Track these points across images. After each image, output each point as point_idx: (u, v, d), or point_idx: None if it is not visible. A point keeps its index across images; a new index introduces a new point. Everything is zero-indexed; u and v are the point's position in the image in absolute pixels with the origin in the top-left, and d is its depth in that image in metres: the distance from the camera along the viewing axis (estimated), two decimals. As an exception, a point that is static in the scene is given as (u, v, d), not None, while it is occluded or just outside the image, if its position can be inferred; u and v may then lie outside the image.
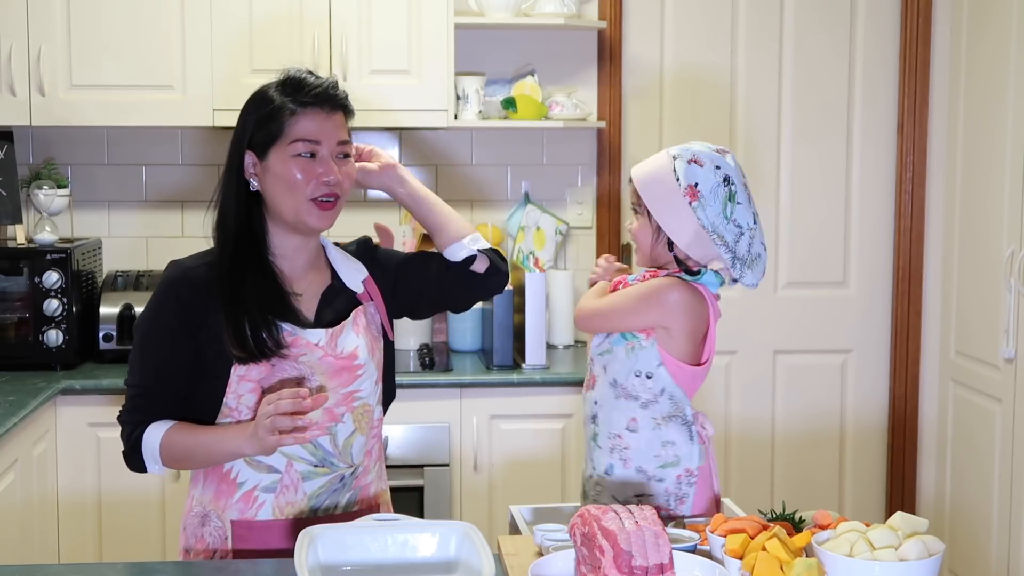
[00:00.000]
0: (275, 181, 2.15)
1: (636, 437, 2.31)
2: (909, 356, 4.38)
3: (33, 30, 3.71)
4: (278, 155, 2.15)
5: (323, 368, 2.17)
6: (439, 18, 3.82)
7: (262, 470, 2.16)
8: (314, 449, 2.17)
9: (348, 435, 2.20)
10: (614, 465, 2.33)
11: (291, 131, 2.15)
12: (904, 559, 1.76)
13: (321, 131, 2.16)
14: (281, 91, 2.17)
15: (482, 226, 4.18)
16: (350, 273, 2.28)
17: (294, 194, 2.15)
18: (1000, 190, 3.84)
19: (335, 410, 2.19)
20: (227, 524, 2.17)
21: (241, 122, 2.20)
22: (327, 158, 2.16)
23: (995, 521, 3.88)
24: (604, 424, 2.35)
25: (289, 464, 2.16)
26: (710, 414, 4.38)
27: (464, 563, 1.94)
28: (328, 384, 2.17)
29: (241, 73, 3.78)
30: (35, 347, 3.71)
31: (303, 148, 2.15)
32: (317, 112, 2.16)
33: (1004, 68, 3.80)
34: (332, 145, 2.17)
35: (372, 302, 2.29)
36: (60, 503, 3.58)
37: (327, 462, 2.18)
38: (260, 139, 2.16)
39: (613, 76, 4.22)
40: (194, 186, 4.14)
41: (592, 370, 2.40)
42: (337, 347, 2.18)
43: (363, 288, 2.28)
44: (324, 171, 2.15)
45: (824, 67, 4.32)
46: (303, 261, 2.24)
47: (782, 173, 4.35)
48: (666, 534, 1.74)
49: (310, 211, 2.16)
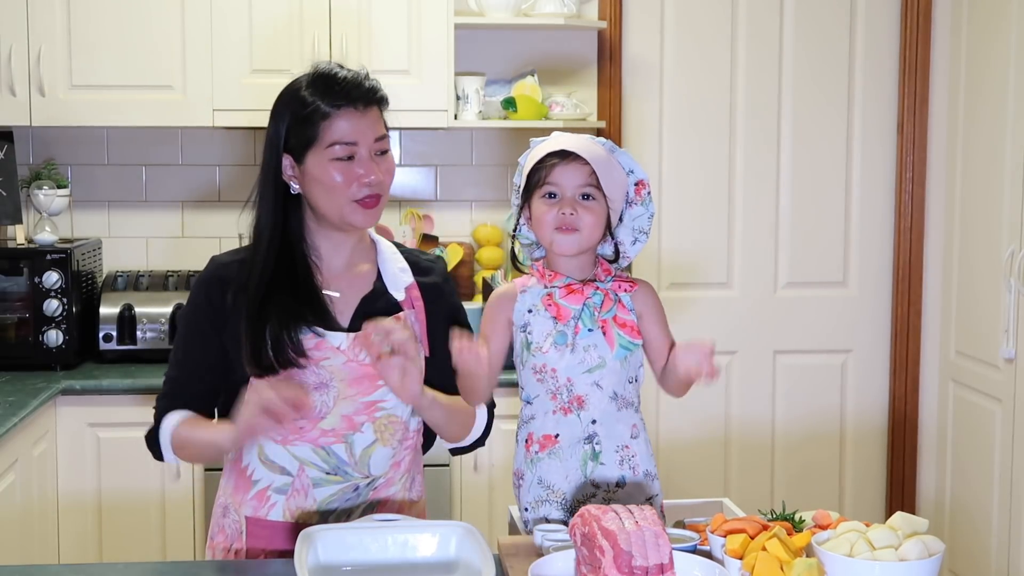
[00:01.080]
0: (315, 185, 2.11)
1: (639, 442, 2.29)
2: (909, 356, 4.38)
3: (33, 30, 3.72)
4: (315, 159, 2.10)
5: (344, 374, 2.13)
6: (439, 18, 3.82)
7: (275, 471, 2.15)
8: (327, 456, 2.14)
9: (367, 445, 2.16)
10: (625, 476, 2.26)
11: (326, 135, 2.09)
12: (904, 559, 1.76)
13: (356, 131, 2.11)
14: (312, 90, 2.11)
15: (482, 226, 4.18)
16: (395, 277, 2.22)
17: (335, 197, 2.10)
18: (1000, 190, 3.84)
19: (355, 418, 2.14)
20: (242, 519, 2.18)
21: (274, 124, 2.14)
22: (366, 158, 2.12)
23: (995, 521, 3.88)
24: (607, 439, 2.24)
25: (301, 468, 2.14)
26: (710, 414, 4.39)
27: (464, 563, 1.94)
28: (346, 391, 2.13)
29: (241, 73, 3.78)
30: (35, 347, 3.71)
31: (340, 152, 2.10)
32: (351, 112, 2.11)
33: (1004, 68, 3.80)
34: (369, 143, 2.12)
35: (413, 311, 2.22)
36: (60, 503, 3.58)
37: (340, 471, 2.15)
38: (296, 143, 2.11)
39: (613, 76, 4.22)
40: (194, 186, 4.14)
41: (571, 392, 2.23)
42: (361, 353, 2.13)
43: (404, 295, 2.22)
44: (364, 172, 2.11)
45: (824, 67, 4.32)
46: (343, 259, 2.20)
47: (782, 173, 4.35)
48: (666, 534, 1.74)
49: (353, 212, 2.12)
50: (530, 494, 2.27)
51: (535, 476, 2.26)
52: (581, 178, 2.22)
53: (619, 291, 2.26)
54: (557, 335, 2.22)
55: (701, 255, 4.31)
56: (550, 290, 2.24)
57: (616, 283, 2.27)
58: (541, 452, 2.26)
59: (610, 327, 2.23)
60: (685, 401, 4.40)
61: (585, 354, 2.22)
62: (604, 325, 2.23)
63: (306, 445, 2.14)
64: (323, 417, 2.13)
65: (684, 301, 4.25)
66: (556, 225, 2.20)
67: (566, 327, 2.22)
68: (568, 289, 2.24)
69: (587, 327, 2.22)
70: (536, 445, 2.27)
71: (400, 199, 4.22)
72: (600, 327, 2.23)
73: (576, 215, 2.20)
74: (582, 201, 2.22)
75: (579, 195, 2.22)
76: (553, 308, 2.23)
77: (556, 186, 2.22)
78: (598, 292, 2.24)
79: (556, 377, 2.23)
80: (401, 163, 4.23)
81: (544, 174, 2.23)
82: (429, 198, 4.25)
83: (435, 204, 4.23)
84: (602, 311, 2.24)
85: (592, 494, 2.25)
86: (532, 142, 2.31)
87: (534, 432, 2.28)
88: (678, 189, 4.29)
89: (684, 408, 4.27)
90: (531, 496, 2.27)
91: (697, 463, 4.34)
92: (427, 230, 4.10)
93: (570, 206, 2.20)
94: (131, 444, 3.60)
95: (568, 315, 2.22)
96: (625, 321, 2.24)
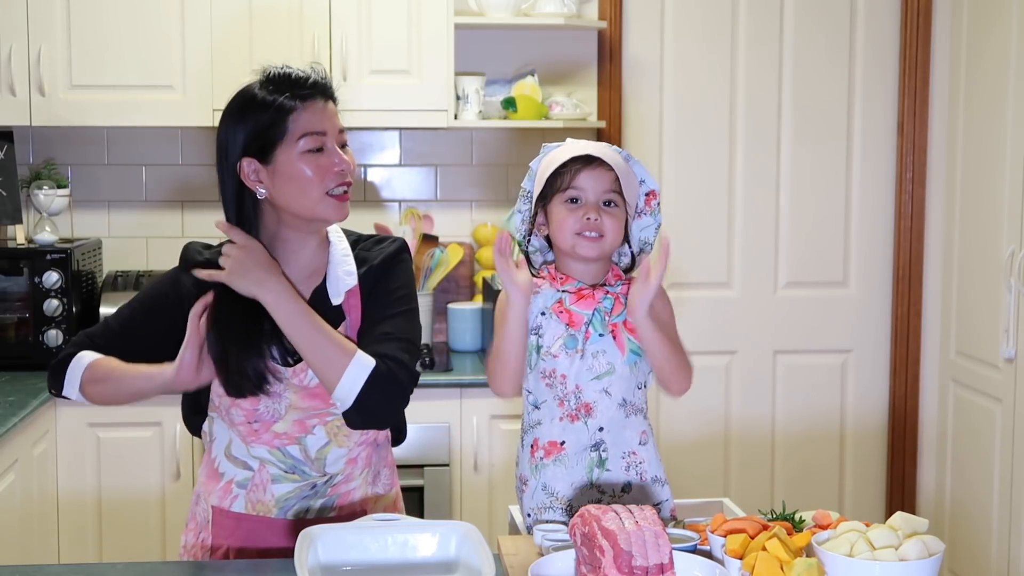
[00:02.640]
0: (286, 183, 2.09)
1: (647, 448, 2.28)
2: (909, 356, 4.38)
3: (33, 30, 3.71)
4: (285, 155, 2.09)
5: (296, 388, 2.15)
6: (439, 18, 3.82)
7: (239, 466, 2.19)
8: (283, 456, 2.17)
9: (321, 446, 2.18)
10: (631, 483, 2.26)
11: (295, 128, 2.09)
12: (904, 559, 1.76)
13: (324, 121, 2.11)
14: (272, 88, 2.11)
15: (482, 226, 4.18)
16: (337, 281, 2.18)
17: (308, 192, 2.09)
18: (1000, 190, 3.83)
19: (306, 422, 2.17)
20: (209, 508, 2.23)
21: (229, 131, 2.12)
22: (334, 149, 2.12)
23: (995, 521, 3.88)
24: (614, 446, 2.24)
25: (261, 465, 2.18)
26: (710, 414, 4.39)
27: (464, 563, 1.94)
28: (300, 403, 2.15)
29: (241, 73, 3.71)
30: (35, 347, 3.71)
31: (311, 143, 2.09)
32: (317, 103, 2.11)
33: (1004, 68, 3.80)
34: (335, 134, 2.13)
35: (347, 320, 2.17)
36: (60, 503, 3.59)
37: (297, 469, 2.18)
38: (260, 144, 2.09)
39: (613, 76, 4.22)
40: (194, 186, 4.14)
41: (579, 399, 2.23)
42: (307, 377, 2.14)
43: (343, 298, 2.17)
44: (336, 162, 2.11)
45: (824, 67, 4.32)
46: (301, 262, 2.17)
47: (782, 173, 4.35)
48: (666, 534, 1.74)
49: (327, 207, 2.11)
50: (533, 500, 2.26)
51: (539, 482, 2.26)
52: (606, 184, 2.22)
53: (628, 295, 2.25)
54: (567, 338, 2.22)
55: (701, 255, 4.31)
56: (561, 295, 2.24)
57: (626, 286, 2.27)
58: (547, 459, 2.25)
59: (620, 332, 2.23)
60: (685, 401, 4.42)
61: (594, 360, 2.22)
62: (614, 329, 2.23)
63: (262, 447, 2.17)
64: (275, 421, 2.16)
65: (684, 301, 4.24)
66: (578, 230, 2.20)
67: (577, 332, 2.22)
68: (579, 295, 2.24)
69: (597, 332, 2.22)
70: (541, 451, 2.26)
71: (400, 199, 4.22)
72: (610, 331, 2.23)
73: (600, 220, 2.20)
74: (605, 207, 2.22)
75: (602, 201, 2.22)
76: (565, 315, 2.23)
77: (580, 191, 2.21)
78: (608, 296, 2.24)
79: (565, 383, 2.23)
80: (401, 163, 4.23)
81: (568, 179, 2.22)
82: (429, 198, 4.25)
83: (435, 204, 4.23)
84: (612, 315, 2.24)
85: (597, 499, 2.24)
86: (545, 147, 2.30)
87: (539, 438, 2.27)
88: (678, 189, 4.28)
89: (685, 408, 4.27)
90: (535, 502, 2.26)
91: (697, 463, 4.34)
92: (427, 230, 4.10)
93: (594, 211, 2.20)
94: (131, 444, 3.62)
95: (581, 321, 2.22)
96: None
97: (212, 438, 2.23)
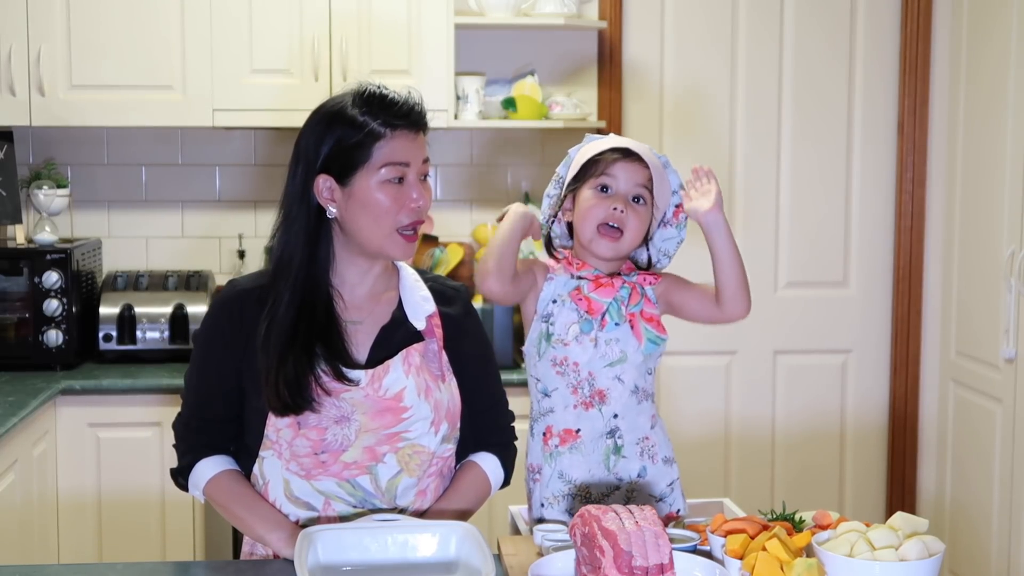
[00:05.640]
0: (359, 209, 2.02)
1: (656, 431, 2.31)
2: (909, 356, 4.38)
3: (33, 30, 3.71)
4: (363, 182, 2.01)
5: (366, 407, 2.06)
6: (439, 18, 3.82)
7: (300, 507, 2.09)
8: (352, 489, 2.08)
9: (392, 476, 2.09)
10: (646, 467, 2.28)
11: (379, 155, 2.01)
12: (904, 559, 1.76)
13: (409, 153, 2.03)
14: (365, 109, 2.02)
15: (482, 226, 4.18)
16: (416, 306, 2.13)
17: (380, 224, 2.02)
18: (1000, 190, 3.83)
19: (377, 449, 2.07)
20: (270, 554, 2.13)
21: (313, 141, 2.04)
22: (414, 182, 2.04)
23: (995, 521, 3.88)
24: (629, 432, 2.25)
25: (327, 503, 2.08)
26: (710, 414, 4.39)
27: (464, 563, 1.94)
28: (370, 424, 2.06)
29: (241, 73, 3.78)
30: (35, 347, 3.71)
31: (393, 173, 2.01)
32: (407, 134, 2.03)
33: (1004, 68, 3.80)
34: (419, 166, 2.05)
35: (434, 339, 2.14)
36: (60, 503, 3.58)
37: (367, 503, 2.09)
38: (341, 164, 2.01)
39: (613, 76, 4.22)
40: (194, 186, 4.14)
41: (593, 386, 2.24)
42: (381, 387, 2.06)
43: (426, 323, 2.13)
44: (415, 196, 2.03)
45: (824, 67, 4.32)
46: (367, 287, 2.12)
47: (782, 173, 4.35)
48: (666, 534, 1.74)
49: (395, 243, 2.04)
50: (548, 489, 2.26)
51: (555, 470, 2.25)
52: (640, 177, 2.24)
53: (644, 284, 2.28)
54: (583, 323, 2.23)
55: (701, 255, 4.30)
56: (577, 282, 2.25)
57: (641, 276, 2.29)
58: (562, 446, 2.25)
59: (637, 321, 2.25)
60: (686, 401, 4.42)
61: (607, 348, 2.23)
62: (632, 319, 2.25)
63: (330, 479, 2.08)
64: (345, 450, 2.06)
65: (684, 301, 4.25)
66: (603, 219, 2.21)
67: (594, 319, 2.23)
68: (597, 283, 2.24)
69: (614, 320, 2.24)
70: (556, 439, 2.26)
71: (400, 199, 4.23)
72: (628, 321, 2.24)
73: (625, 214, 2.21)
74: (633, 203, 2.23)
75: (632, 196, 2.23)
76: (584, 303, 2.24)
77: (613, 179, 2.23)
78: (626, 286, 2.26)
79: (578, 371, 2.24)
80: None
81: (603, 166, 2.23)
82: (429, 198, 4.24)
83: (435, 204, 4.23)
84: (629, 304, 2.25)
85: (616, 487, 2.26)
86: (587, 137, 2.33)
87: (553, 425, 2.27)
88: (678, 189, 4.28)
89: (685, 408, 4.28)
90: (549, 491, 2.26)
91: (697, 463, 4.33)
92: (427, 230, 4.10)
93: (622, 202, 2.22)
94: (131, 444, 3.62)
95: (600, 309, 2.23)
96: (652, 315, 2.27)
97: (264, 481, 2.11)
